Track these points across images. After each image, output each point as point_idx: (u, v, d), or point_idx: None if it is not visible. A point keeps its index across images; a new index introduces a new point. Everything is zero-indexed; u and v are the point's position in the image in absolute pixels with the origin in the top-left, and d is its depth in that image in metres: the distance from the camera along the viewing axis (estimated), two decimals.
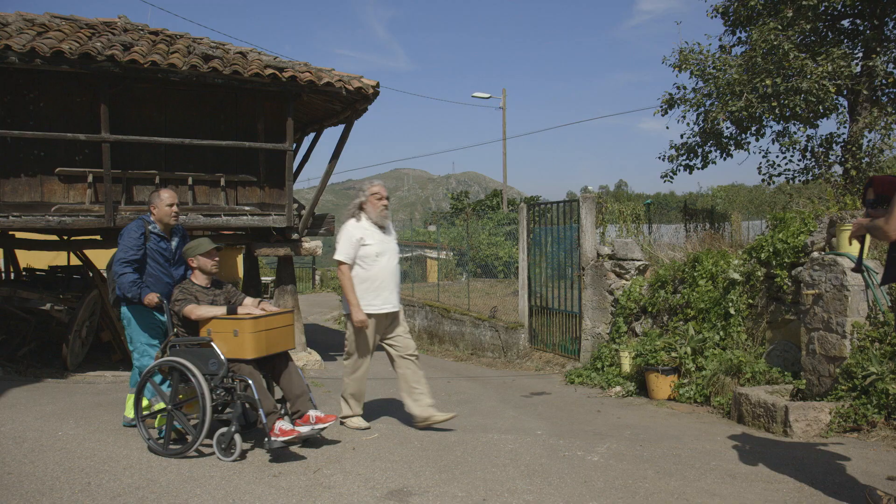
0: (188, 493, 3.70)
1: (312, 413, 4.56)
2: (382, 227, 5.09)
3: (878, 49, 10.84)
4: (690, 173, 13.73)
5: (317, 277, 29.62)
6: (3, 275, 9.86)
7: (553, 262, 9.49)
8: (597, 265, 8.45)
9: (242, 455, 4.29)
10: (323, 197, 9.56)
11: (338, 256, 4.97)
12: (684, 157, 13.27)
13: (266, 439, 4.19)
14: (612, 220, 11.84)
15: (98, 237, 9.12)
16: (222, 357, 4.36)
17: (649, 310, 7.69)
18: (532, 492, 3.77)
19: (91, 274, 9.53)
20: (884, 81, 10.97)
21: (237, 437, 4.26)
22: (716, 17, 12.75)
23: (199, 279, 4.80)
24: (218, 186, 8.30)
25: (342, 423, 5.11)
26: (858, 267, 3.79)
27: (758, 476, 4.05)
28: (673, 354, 6.66)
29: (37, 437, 4.72)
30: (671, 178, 13.68)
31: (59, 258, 11.32)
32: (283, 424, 4.25)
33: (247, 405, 4.51)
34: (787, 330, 6.20)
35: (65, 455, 4.33)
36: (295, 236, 8.79)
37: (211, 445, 4.36)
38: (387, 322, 5.10)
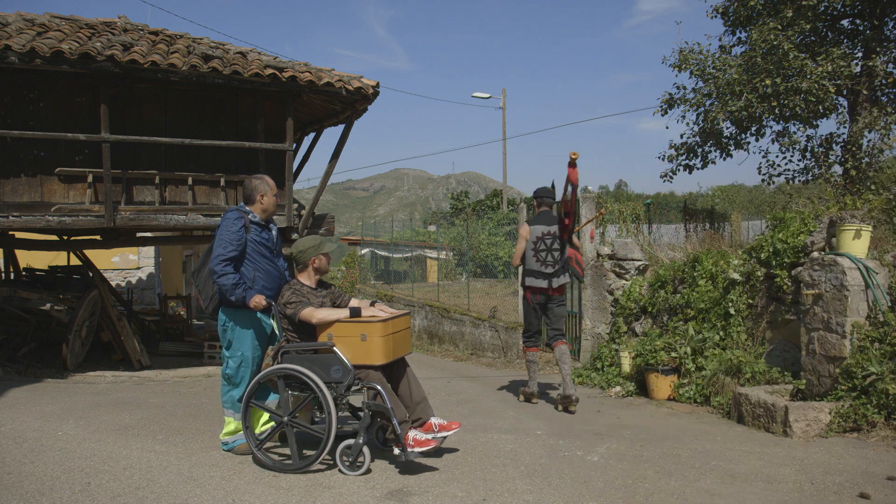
0: (188, 493, 3.70)
1: (434, 420, 4.29)
2: None
3: (878, 49, 10.85)
4: (690, 173, 13.77)
5: None
6: (3, 275, 9.86)
7: None
8: (597, 265, 8.45)
9: (368, 470, 4.01)
10: (323, 197, 9.57)
11: None
12: (684, 157, 13.30)
13: (400, 451, 3.93)
14: (612, 220, 11.85)
15: (98, 237, 9.14)
16: (348, 363, 4.03)
17: (649, 310, 7.69)
18: (532, 492, 3.78)
19: (91, 274, 9.55)
20: (884, 81, 10.99)
21: (366, 450, 3.98)
22: (716, 17, 12.78)
23: (308, 279, 4.42)
24: (218, 186, 8.30)
25: None
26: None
27: (758, 476, 4.05)
28: (673, 354, 6.65)
29: (37, 437, 4.72)
30: (671, 177, 13.72)
31: (59, 258, 11.32)
32: (416, 434, 4.01)
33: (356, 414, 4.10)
34: (787, 330, 6.20)
35: (65, 455, 4.33)
36: (295, 236, 8.79)
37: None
38: None
